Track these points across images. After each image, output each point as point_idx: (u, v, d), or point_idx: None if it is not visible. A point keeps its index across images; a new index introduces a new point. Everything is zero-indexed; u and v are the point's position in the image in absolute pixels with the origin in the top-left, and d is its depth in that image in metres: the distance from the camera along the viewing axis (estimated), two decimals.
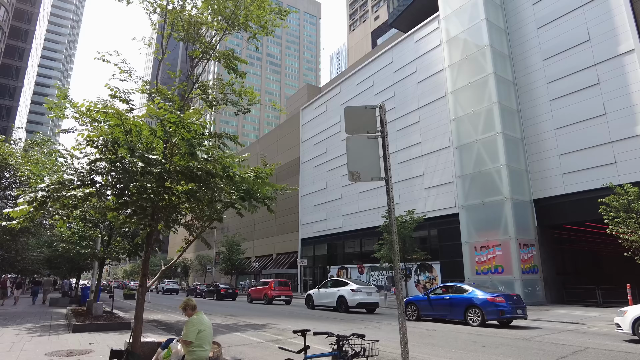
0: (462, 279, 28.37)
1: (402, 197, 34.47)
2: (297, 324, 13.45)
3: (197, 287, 43.01)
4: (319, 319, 15.32)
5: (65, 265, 25.11)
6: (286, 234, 52.58)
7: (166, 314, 18.19)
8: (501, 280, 23.86)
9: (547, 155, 25.43)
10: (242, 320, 14.90)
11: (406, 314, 15.03)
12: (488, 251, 24.80)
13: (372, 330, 11.51)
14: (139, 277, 6.68)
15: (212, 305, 24.87)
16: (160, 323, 13.94)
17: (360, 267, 38.15)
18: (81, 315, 12.67)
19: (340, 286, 19.81)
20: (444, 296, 13.86)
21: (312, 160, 47.81)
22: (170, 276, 73.85)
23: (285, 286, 27.10)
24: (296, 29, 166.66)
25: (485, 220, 25.40)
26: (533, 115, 26.54)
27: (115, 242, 14.35)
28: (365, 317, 16.21)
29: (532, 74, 26.97)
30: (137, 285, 6.76)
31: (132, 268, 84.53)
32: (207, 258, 60.03)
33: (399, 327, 4.28)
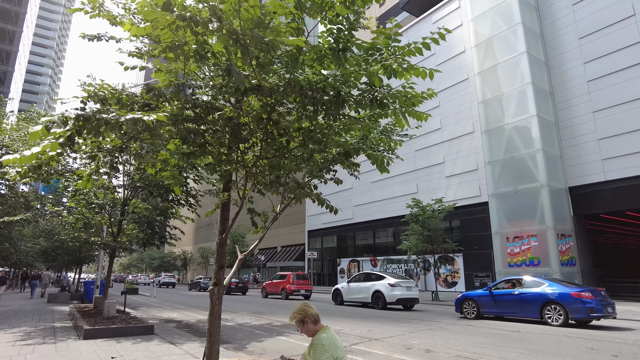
0: (489, 271, 26.75)
1: (420, 187, 32.71)
2: (339, 323, 11.61)
3: (200, 281, 41.09)
4: (359, 317, 13.50)
5: (63, 258, 23.08)
6: (292, 226, 50.70)
7: (180, 311, 16.28)
8: (537, 273, 22.12)
9: (584, 140, 23.67)
10: (274, 319, 13.04)
11: (462, 311, 13.28)
12: (522, 242, 23.08)
13: (443, 333, 9.69)
14: (214, 271, 4.70)
15: (226, 301, 22.93)
16: (181, 324, 12.04)
17: (373, 259, 36.40)
18: (89, 316, 10.72)
19: (375, 280, 17.96)
20: (512, 291, 12.09)
21: None
22: (168, 269, 71.95)
23: (305, 279, 25.34)
24: None
25: (518, 209, 23.66)
26: (567, 98, 24.74)
27: (127, 230, 12.39)
28: (408, 314, 14.41)
29: (566, 54, 25.13)
30: (210, 284, 4.75)
31: (129, 261, 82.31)
32: (209, 250, 58.04)
33: None
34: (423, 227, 22.34)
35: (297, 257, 47.00)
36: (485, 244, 26.84)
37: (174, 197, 12.19)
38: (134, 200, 12.53)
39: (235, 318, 13.31)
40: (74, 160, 11.65)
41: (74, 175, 11.37)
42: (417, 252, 22.20)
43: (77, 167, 11.46)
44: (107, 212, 12.12)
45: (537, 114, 23.57)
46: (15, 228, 18.41)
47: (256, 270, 53.48)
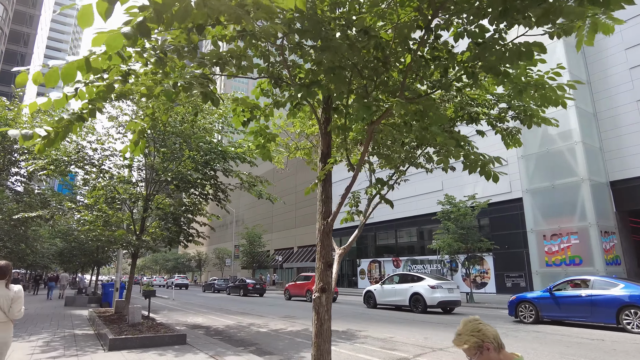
0: (522, 271, 25.40)
1: (445, 184, 31.37)
2: (386, 329, 10.49)
3: (214, 282, 40.29)
4: (403, 322, 12.36)
5: (79, 259, 22.31)
6: (308, 226, 49.62)
7: (204, 315, 15.28)
8: (579, 273, 20.71)
9: (627, 131, 22.17)
10: (310, 325, 11.94)
11: (518, 314, 12.04)
12: (561, 240, 21.67)
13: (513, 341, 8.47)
14: (319, 270, 3.61)
15: (247, 303, 21.97)
16: (210, 330, 11.02)
17: (395, 260, 35.15)
18: (111, 322, 9.74)
19: (413, 281, 16.71)
20: (578, 293, 10.83)
21: None
22: (183, 271, 71.49)
23: None
24: None
25: (556, 205, 22.24)
26: (606, 87, 23.26)
27: (151, 227, 11.42)
28: (456, 319, 13.21)
29: (604, 41, 23.65)
30: (315, 290, 3.57)
31: (143, 263, 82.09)
32: (225, 251, 57.28)
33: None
34: (456, 225, 21.06)
35: (314, 258, 45.82)
36: (517, 243, 25.45)
37: (202, 192, 11.19)
38: (158, 196, 11.58)
39: (268, 323, 12.26)
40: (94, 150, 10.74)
41: (104, 161, 10.47)
42: (451, 251, 20.90)
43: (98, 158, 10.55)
44: (128, 207, 11.17)
45: (575, 104, 22.14)
46: (31, 227, 17.65)
47: (272, 272, 52.56)
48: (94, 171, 10.91)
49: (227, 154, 10.75)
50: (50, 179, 12.51)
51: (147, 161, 10.69)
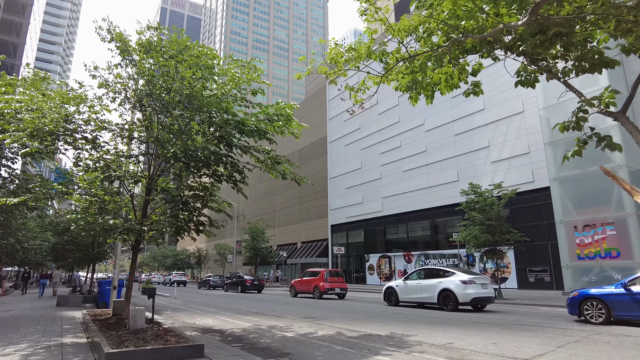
0: (547, 265, 23.85)
1: (460, 174, 29.79)
2: (438, 333, 8.85)
3: (210, 279, 39.11)
4: (446, 323, 10.72)
5: (74, 255, 20.54)
6: (312, 220, 47.99)
7: (213, 315, 13.59)
8: (617, 266, 19.22)
9: None
10: (339, 326, 10.27)
11: (583, 313, 10.40)
12: (595, 231, 20.10)
13: (606, 348, 6.86)
14: None
15: (257, 301, 20.30)
16: (226, 335, 9.33)
17: (407, 255, 33.55)
18: (109, 327, 8.04)
19: (441, 276, 15.12)
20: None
21: (342, 138, 43.01)
22: (182, 268, 69.84)
23: (339, 277, 22.77)
24: (303, 12, 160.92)
25: (588, 194, 20.67)
26: None
27: (155, 214, 9.67)
28: (502, 318, 11.55)
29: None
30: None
31: (142, 259, 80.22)
32: (226, 247, 55.56)
33: None
34: (482, 215, 19.41)
35: (319, 254, 44.27)
36: (540, 236, 23.86)
37: (216, 172, 9.47)
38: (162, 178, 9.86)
39: (291, 326, 10.57)
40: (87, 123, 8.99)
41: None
42: (479, 244, 19.24)
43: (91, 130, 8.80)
44: (127, 189, 9.43)
45: (610, 84, 20.52)
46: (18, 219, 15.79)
47: (276, 268, 50.93)
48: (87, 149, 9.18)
49: (245, 126, 9.04)
50: (36, 161, 10.75)
51: (150, 134, 8.92)
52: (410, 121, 34.71)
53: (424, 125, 33.49)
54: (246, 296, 24.91)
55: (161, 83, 9.34)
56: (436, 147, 32.11)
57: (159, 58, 9.17)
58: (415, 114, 34.22)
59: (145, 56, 9.23)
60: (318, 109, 48.95)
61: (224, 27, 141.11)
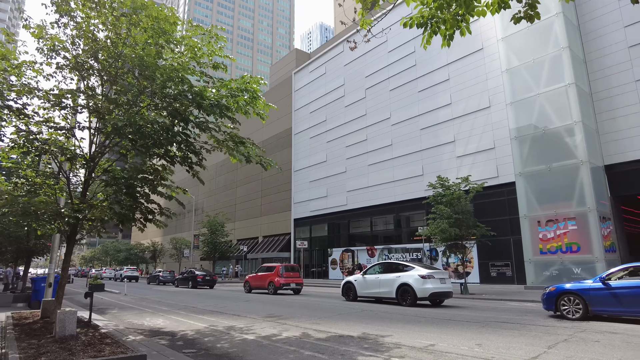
0: (508, 260, 24.07)
1: (425, 168, 29.62)
2: (415, 333, 8.11)
3: (159, 274, 37.68)
4: (417, 322, 10.06)
5: (6, 248, 18.35)
6: (275, 214, 46.77)
7: (165, 315, 12.27)
8: (577, 260, 19.48)
9: (624, 113, 21.08)
10: (305, 326, 9.33)
11: (559, 308, 10.01)
12: (557, 226, 20.30)
13: (597, 347, 6.31)
14: None
15: (215, 298, 19.00)
16: (176, 339, 8.15)
17: (370, 249, 33.15)
18: (31, 335, 6.66)
19: (400, 271, 14.72)
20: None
21: (308, 130, 42.02)
22: (136, 262, 66.70)
23: (295, 272, 21.93)
24: (270, 2, 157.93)
25: (552, 190, 20.83)
26: (603, 67, 22.06)
27: (96, 200, 8.29)
28: (473, 315, 11.03)
29: (603, 18, 22.40)
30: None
31: (92, 254, 75.82)
32: (182, 242, 53.21)
33: None
34: (450, 209, 19.07)
35: (281, 248, 43.18)
36: (503, 230, 23.96)
37: (169, 152, 8.22)
38: (107, 158, 8.51)
39: (252, 326, 9.51)
40: None
41: None
42: (446, 238, 18.88)
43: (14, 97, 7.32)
44: (64, 172, 8.01)
45: (575, 82, 20.74)
46: None
47: (235, 263, 49.32)
48: (13, 121, 7.68)
49: (204, 100, 7.86)
50: None
51: (90, 102, 7.54)
52: (376, 114, 34.22)
53: (390, 118, 33.08)
54: (202, 292, 23.50)
55: (109, 45, 7.99)
56: (402, 141, 31.79)
57: (107, 17, 7.81)
58: (382, 107, 33.77)
59: (90, 14, 7.84)
60: (283, 100, 47.63)
61: (186, 14, 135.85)
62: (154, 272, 39.96)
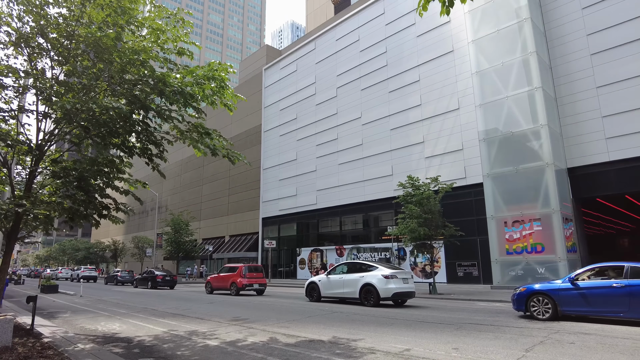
0: (475, 260, 24.40)
1: (395, 169, 29.69)
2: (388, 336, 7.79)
3: (117, 274, 36.31)
4: (387, 324, 9.79)
5: None
6: (243, 213, 45.82)
7: (122, 318, 11.44)
8: (541, 260, 19.91)
9: (586, 118, 21.77)
10: (273, 330, 8.84)
11: (529, 308, 10.00)
12: (523, 227, 20.69)
13: (578, 351, 6.19)
14: None
15: (177, 300, 18.13)
16: (132, 345, 7.48)
17: (339, 248, 32.93)
18: None
19: (364, 271, 14.65)
20: (611, 283, 8.96)
21: (278, 128, 41.39)
22: (96, 262, 63.87)
23: (258, 272, 21.52)
24: None
25: (518, 191, 21.24)
26: (567, 72, 22.72)
27: (43, 194, 7.48)
28: (443, 316, 10.89)
29: (567, 25, 23.07)
30: None
31: (48, 253, 71.93)
32: (145, 240, 51.25)
33: None
34: (420, 208, 19.05)
35: (249, 248, 42.32)
36: (470, 230, 24.25)
37: (127, 143, 7.52)
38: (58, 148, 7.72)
39: (216, 331, 8.92)
40: None
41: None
42: (415, 237, 18.83)
43: None
44: (2, 160, 7.16)
45: (542, 86, 21.23)
46: None
47: (200, 263, 47.96)
48: None
49: (167, 87, 7.23)
50: None
51: (36, 82, 6.74)
52: (347, 114, 34.05)
53: (361, 118, 32.98)
54: (163, 293, 22.49)
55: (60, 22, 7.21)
56: (372, 141, 31.75)
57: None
58: (353, 106, 33.64)
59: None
60: (253, 96, 46.71)
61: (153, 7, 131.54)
62: (113, 272, 38.22)
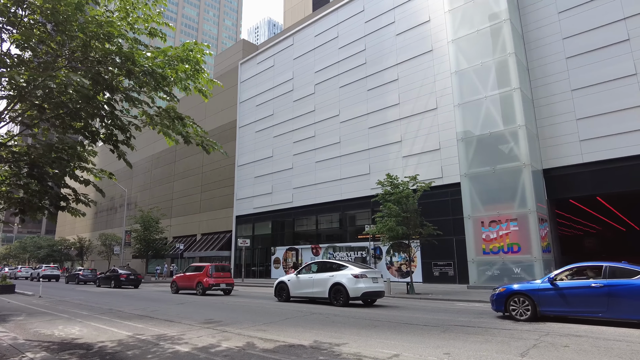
0: (451, 259, 24.40)
1: (372, 167, 29.46)
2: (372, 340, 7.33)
3: (79, 273, 34.80)
4: (368, 325, 9.34)
5: None
6: (215, 211, 44.68)
7: (84, 320, 10.55)
8: (517, 260, 20.02)
9: (561, 120, 22.08)
10: (250, 334, 8.23)
11: (508, 309, 9.80)
12: (500, 227, 20.77)
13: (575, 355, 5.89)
14: None
15: (131, 298, 17.15)
16: (91, 353, 6.72)
17: (315, 247, 32.45)
18: None
19: (334, 270, 14.41)
20: (590, 283, 8.84)
21: (254, 124, 40.51)
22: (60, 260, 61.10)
23: (225, 272, 21.08)
24: None
25: (495, 191, 21.31)
26: (544, 75, 23.00)
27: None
28: (421, 317, 10.54)
29: (544, 28, 23.36)
30: None
31: (7, 250, 68.26)
32: (113, 238, 49.25)
33: None
34: (399, 207, 18.79)
35: (222, 246, 41.26)
36: (446, 230, 24.20)
37: (90, 128, 6.75)
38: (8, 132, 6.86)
39: (185, 335, 8.23)
40: None
41: None
42: (395, 236, 18.56)
43: None
44: None
45: (520, 87, 21.37)
46: None
47: (171, 262, 46.49)
48: None
49: (135, 66, 6.51)
50: None
51: None
52: (325, 111, 33.59)
53: (339, 116, 32.60)
54: (130, 293, 21.41)
55: None
56: (350, 139, 31.41)
57: None
58: (331, 104, 33.21)
59: None
60: (228, 91, 45.61)
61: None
62: (75, 270, 36.48)
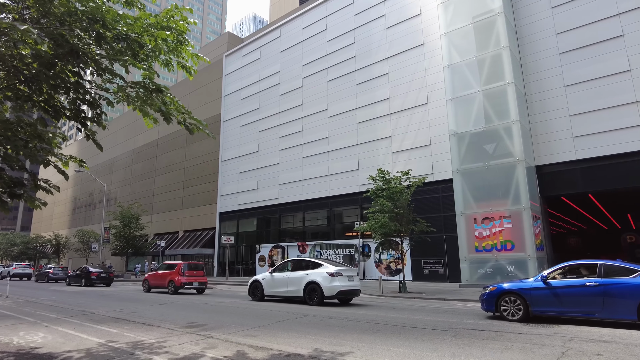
0: (441, 257, 23.88)
1: (361, 163, 28.77)
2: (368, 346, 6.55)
3: (49, 271, 33.47)
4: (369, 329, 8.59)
5: None
6: (198, 207, 43.41)
7: (50, 325, 9.48)
8: (511, 258, 19.56)
9: (554, 116, 21.73)
10: (243, 341, 7.35)
11: (499, 309, 9.23)
12: (493, 224, 20.28)
13: None
14: None
15: (106, 299, 16.02)
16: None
17: (301, 244, 31.60)
18: None
19: (309, 268, 13.92)
20: (584, 281, 8.34)
21: (239, 118, 39.39)
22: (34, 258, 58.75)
23: (198, 270, 20.34)
24: None
25: (488, 187, 20.82)
26: (537, 70, 22.63)
27: None
28: (423, 319, 9.83)
29: (537, 23, 22.98)
30: None
31: None
32: (91, 235, 47.45)
33: None
34: (391, 203, 18.11)
35: (205, 244, 40.07)
36: (437, 227, 23.65)
37: (53, 102, 5.76)
38: None
39: (166, 342, 7.30)
40: None
41: None
42: (386, 233, 17.86)
43: None
44: None
45: (514, 81, 20.92)
46: None
47: (152, 259, 45.01)
48: None
49: (107, 29, 5.56)
50: None
51: None
52: (313, 105, 32.74)
53: (327, 110, 31.80)
54: (106, 293, 20.23)
55: None
56: (338, 134, 30.65)
57: None
58: (319, 98, 32.38)
59: None
60: (212, 84, 44.35)
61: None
62: (45, 268, 34.90)
